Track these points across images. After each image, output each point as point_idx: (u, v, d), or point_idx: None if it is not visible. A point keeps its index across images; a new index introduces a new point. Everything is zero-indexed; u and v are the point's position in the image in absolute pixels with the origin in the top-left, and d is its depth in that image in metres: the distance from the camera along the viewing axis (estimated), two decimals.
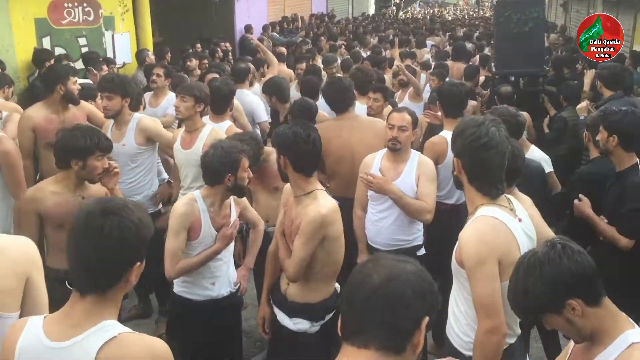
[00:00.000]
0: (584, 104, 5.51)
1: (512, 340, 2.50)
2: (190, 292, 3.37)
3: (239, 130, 4.61)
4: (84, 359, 1.64)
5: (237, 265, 3.66)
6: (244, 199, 3.56)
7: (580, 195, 3.70)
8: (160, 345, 1.74)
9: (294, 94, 6.08)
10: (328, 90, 4.56)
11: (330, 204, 2.99)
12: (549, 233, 2.86)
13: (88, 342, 1.66)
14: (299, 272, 2.97)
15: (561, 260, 1.81)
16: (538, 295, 1.83)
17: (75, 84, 4.53)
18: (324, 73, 7.68)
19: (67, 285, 1.80)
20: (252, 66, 7.09)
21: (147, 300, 4.93)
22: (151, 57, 8.33)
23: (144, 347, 1.70)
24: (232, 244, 3.48)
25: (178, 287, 3.40)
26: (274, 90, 5.46)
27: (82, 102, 4.78)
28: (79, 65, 7.57)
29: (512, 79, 7.70)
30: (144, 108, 5.80)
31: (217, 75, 5.98)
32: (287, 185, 3.20)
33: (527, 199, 2.97)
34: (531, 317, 1.89)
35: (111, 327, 1.69)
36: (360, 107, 5.07)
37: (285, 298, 3.15)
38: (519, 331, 2.55)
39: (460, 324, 2.52)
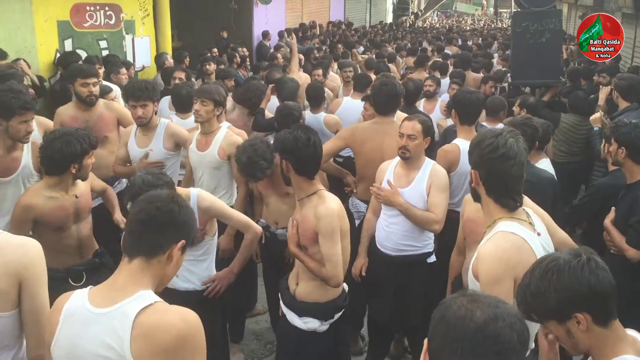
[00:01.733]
0: (597, 114, 5.50)
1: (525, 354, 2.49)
2: None
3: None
4: (123, 322, 1.81)
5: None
6: (225, 208, 3.47)
7: (613, 208, 3.68)
8: (192, 315, 1.89)
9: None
10: (377, 90, 4.51)
11: (337, 200, 3.09)
12: (564, 236, 2.85)
13: (127, 308, 1.83)
14: (341, 274, 3.04)
15: (582, 271, 1.74)
16: (548, 300, 1.77)
17: (86, 86, 4.63)
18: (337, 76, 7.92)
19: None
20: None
21: None
22: (170, 60, 8.45)
23: (177, 315, 1.86)
24: (212, 246, 3.52)
25: None
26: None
27: (114, 104, 4.93)
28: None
29: (528, 89, 7.70)
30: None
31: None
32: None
33: (536, 208, 2.97)
34: (533, 319, 1.87)
35: (148, 296, 1.87)
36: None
37: (294, 298, 3.20)
38: (532, 345, 2.50)
39: None
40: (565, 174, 5.57)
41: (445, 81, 8.11)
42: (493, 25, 32.68)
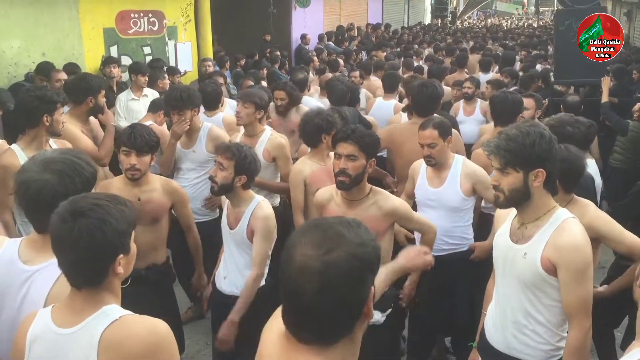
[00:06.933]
0: None
1: None
2: (217, 276, 3.60)
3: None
4: (89, 343, 1.74)
5: None
6: (269, 231, 3.35)
7: None
8: (161, 325, 1.81)
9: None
10: (417, 91, 4.49)
11: None
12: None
13: (91, 327, 1.75)
14: None
15: None
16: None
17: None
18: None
19: None
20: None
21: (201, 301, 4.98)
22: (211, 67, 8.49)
23: (145, 327, 1.78)
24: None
25: None
26: None
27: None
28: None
29: (572, 88, 7.56)
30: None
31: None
32: (323, 191, 3.38)
33: (590, 204, 3.03)
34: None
35: (111, 312, 1.78)
36: None
37: None
38: None
39: (540, 335, 2.50)
40: (630, 180, 5.49)
41: (483, 79, 8.05)
42: (530, 23, 32.09)
